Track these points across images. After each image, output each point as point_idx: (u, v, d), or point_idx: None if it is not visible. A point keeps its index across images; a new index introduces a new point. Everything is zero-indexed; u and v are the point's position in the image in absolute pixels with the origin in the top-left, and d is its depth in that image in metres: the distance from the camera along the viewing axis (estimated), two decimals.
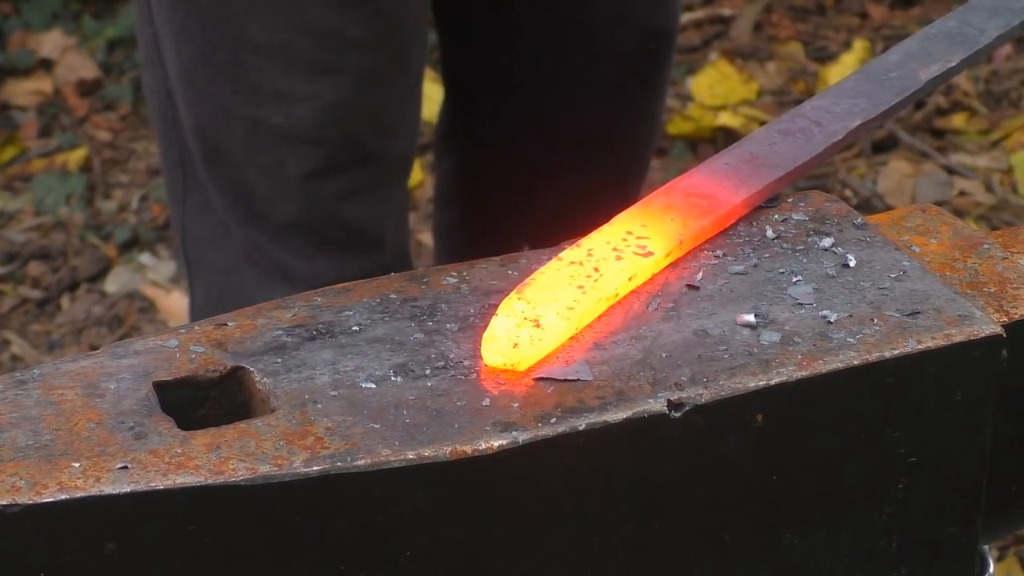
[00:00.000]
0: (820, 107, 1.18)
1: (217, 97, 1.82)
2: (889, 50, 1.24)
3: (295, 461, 0.88)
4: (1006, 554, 2.44)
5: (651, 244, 1.05)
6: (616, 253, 1.04)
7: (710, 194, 1.10)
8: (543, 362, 0.97)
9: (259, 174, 1.86)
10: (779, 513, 0.99)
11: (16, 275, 3.16)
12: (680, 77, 3.66)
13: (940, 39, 1.24)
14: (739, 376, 0.96)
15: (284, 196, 1.86)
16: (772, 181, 1.12)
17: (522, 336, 0.97)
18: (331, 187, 1.86)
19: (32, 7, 3.85)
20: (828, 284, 1.04)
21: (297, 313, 1.01)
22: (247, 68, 1.79)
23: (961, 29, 1.25)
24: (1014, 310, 1.04)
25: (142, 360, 0.97)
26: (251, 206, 1.88)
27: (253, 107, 1.81)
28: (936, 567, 1.05)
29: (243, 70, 1.79)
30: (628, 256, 1.04)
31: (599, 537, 0.96)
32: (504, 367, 0.96)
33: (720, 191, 1.10)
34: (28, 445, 0.89)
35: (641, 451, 0.94)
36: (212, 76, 1.81)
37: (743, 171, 1.12)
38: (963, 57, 1.22)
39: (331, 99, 1.80)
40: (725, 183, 1.11)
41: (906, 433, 1.00)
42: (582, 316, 1.00)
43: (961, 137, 3.47)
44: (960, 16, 1.26)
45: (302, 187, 1.85)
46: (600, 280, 1.01)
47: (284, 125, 1.81)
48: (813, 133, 1.16)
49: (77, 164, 3.42)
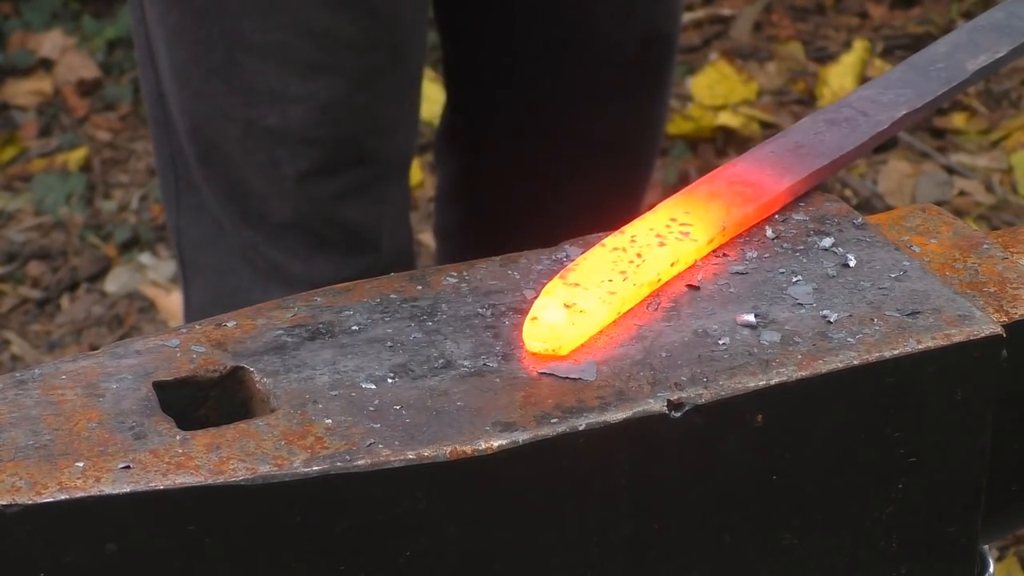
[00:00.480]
0: (866, 97, 1.18)
1: (212, 98, 1.82)
2: (936, 41, 1.25)
3: (295, 461, 0.88)
4: (1006, 554, 2.44)
5: (694, 231, 1.05)
6: (659, 239, 1.04)
7: (754, 182, 1.10)
8: (584, 348, 0.97)
9: (254, 174, 1.85)
10: (779, 513, 0.99)
11: (16, 275, 3.16)
12: (680, 77, 3.66)
13: (988, 30, 1.24)
14: (739, 376, 0.96)
15: (280, 196, 1.86)
16: (816, 169, 1.12)
17: (564, 320, 0.97)
18: (327, 187, 1.85)
19: (32, 7, 3.85)
20: (828, 284, 1.04)
21: (297, 313, 1.01)
22: (242, 68, 1.79)
23: (1009, 20, 1.25)
24: (1014, 310, 1.04)
25: (142, 360, 0.97)
26: (247, 206, 1.88)
27: (248, 107, 1.81)
28: (936, 567, 1.05)
29: (238, 70, 1.79)
30: (671, 242, 1.04)
31: (599, 537, 0.95)
32: (545, 352, 0.97)
33: (764, 179, 1.10)
34: (28, 445, 0.89)
35: (641, 451, 0.94)
36: (206, 77, 1.81)
37: (788, 159, 1.12)
38: (1011, 48, 1.22)
39: (326, 99, 1.80)
40: (769, 171, 1.11)
41: (906, 433, 1.00)
42: (623, 301, 1.00)
43: (961, 137, 3.47)
44: (1008, 8, 1.26)
45: (298, 187, 1.84)
46: (642, 266, 1.02)
47: (279, 125, 1.81)
48: (859, 123, 1.16)
49: (77, 164, 3.42)
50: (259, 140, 1.82)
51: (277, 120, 1.81)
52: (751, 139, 3.50)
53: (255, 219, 1.88)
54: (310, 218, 1.87)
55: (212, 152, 1.86)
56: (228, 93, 1.81)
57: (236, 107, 1.81)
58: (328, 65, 1.79)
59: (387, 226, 1.93)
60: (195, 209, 1.94)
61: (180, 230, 1.97)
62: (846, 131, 1.15)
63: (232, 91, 1.80)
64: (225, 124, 1.83)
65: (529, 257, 1.07)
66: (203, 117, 1.84)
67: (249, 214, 1.88)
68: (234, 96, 1.81)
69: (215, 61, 1.79)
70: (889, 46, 3.77)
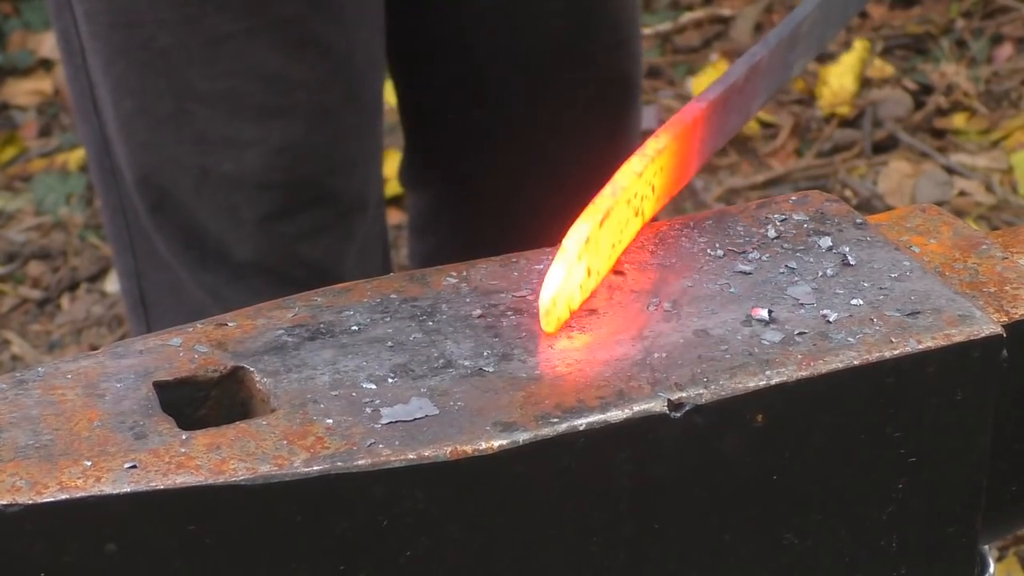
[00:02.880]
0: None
1: (162, 147, 1.78)
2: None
3: (295, 461, 0.88)
4: (1006, 554, 2.44)
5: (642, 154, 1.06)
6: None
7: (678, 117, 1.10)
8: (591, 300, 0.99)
9: (212, 220, 1.81)
10: (779, 513, 0.99)
11: (16, 275, 3.16)
12: (680, 77, 3.67)
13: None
14: (739, 376, 0.96)
15: (240, 239, 1.82)
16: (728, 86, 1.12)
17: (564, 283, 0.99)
18: (288, 228, 1.81)
19: (32, 7, 3.85)
20: (828, 284, 1.04)
21: (297, 313, 1.01)
22: (192, 117, 1.75)
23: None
24: (1014, 310, 1.04)
25: (142, 360, 0.97)
26: (204, 251, 1.83)
27: (201, 156, 1.76)
28: (936, 567, 1.05)
29: (188, 119, 1.75)
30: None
31: (599, 537, 0.96)
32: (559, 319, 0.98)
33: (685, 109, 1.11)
34: (28, 445, 0.89)
35: (641, 451, 0.94)
36: (155, 127, 1.77)
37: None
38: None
39: (280, 142, 1.76)
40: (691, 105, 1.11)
41: (906, 433, 1.00)
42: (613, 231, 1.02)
43: (961, 137, 3.47)
44: None
45: (259, 230, 1.80)
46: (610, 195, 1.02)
47: (234, 172, 1.77)
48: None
49: (77, 164, 3.42)
50: (215, 187, 1.78)
51: (232, 167, 1.76)
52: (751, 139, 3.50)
53: (213, 263, 1.84)
54: (273, 257, 1.83)
55: (164, 201, 1.81)
56: (179, 142, 1.76)
57: (188, 155, 1.77)
58: (281, 107, 1.75)
59: (352, 261, 1.89)
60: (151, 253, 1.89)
61: (140, 274, 1.92)
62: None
63: (183, 140, 1.76)
64: (177, 172, 1.78)
65: (529, 257, 1.07)
66: (153, 167, 1.79)
67: (207, 259, 1.83)
68: (185, 145, 1.77)
69: (164, 112, 1.75)
70: (889, 46, 3.78)
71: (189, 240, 1.83)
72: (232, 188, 1.78)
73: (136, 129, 1.78)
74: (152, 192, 1.81)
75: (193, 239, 1.83)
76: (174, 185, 1.80)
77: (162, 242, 1.85)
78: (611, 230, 1.03)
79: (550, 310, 0.98)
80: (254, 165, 1.77)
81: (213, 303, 1.85)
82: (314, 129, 1.79)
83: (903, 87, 3.62)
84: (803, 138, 3.48)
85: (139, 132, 1.78)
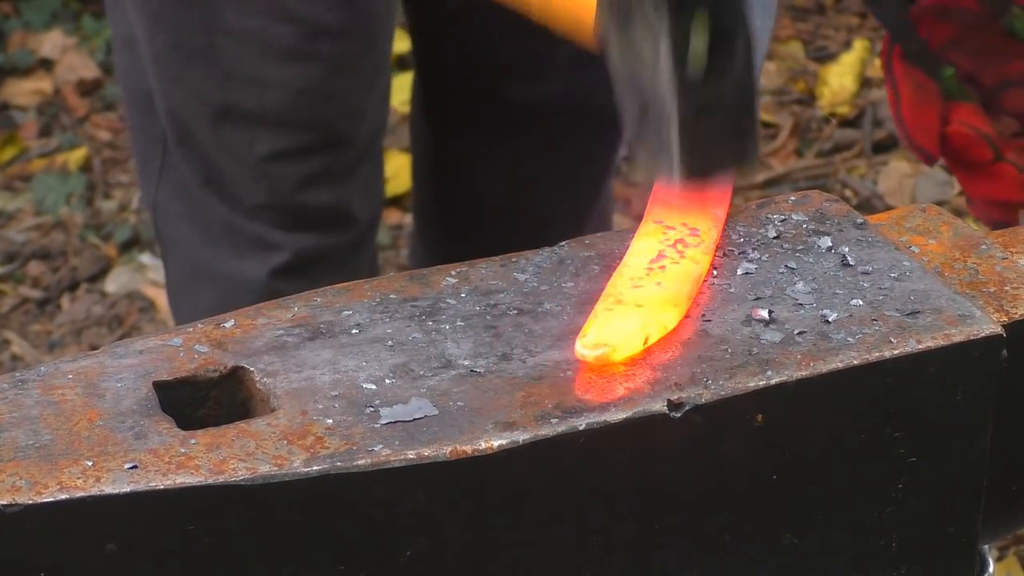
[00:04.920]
0: None
1: (189, 82, 1.86)
2: None
3: (295, 461, 0.88)
4: (1006, 554, 2.44)
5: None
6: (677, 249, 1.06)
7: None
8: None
9: (229, 158, 1.90)
10: (779, 513, 0.99)
11: (16, 275, 3.16)
12: None
13: None
14: (739, 376, 0.96)
15: (253, 178, 1.90)
16: None
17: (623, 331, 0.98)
18: (300, 169, 1.90)
19: (32, 7, 3.85)
20: (828, 284, 1.04)
21: (297, 313, 1.01)
22: (221, 53, 1.82)
23: None
24: (1014, 310, 1.04)
25: (142, 360, 0.97)
26: (221, 187, 1.92)
27: (225, 91, 1.85)
28: (936, 567, 1.05)
29: (217, 55, 1.82)
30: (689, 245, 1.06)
31: (599, 537, 0.95)
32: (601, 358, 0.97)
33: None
34: (28, 445, 0.89)
35: (641, 451, 0.94)
36: (185, 61, 1.84)
37: None
38: None
39: (302, 84, 1.84)
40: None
41: (906, 433, 1.00)
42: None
43: None
44: None
45: (271, 169, 1.89)
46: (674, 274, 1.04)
47: (256, 110, 1.85)
48: None
49: (77, 164, 3.42)
50: (235, 123, 1.86)
51: (254, 104, 1.85)
52: None
53: (230, 200, 1.93)
54: (283, 199, 1.92)
55: (188, 135, 1.90)
56: (206, 77, 1.84)
57: (213, 91, 1.85)
58: (305, 52, 1.83)
59: (360, 202, 1.98)
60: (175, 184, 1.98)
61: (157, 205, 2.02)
62: None
63: (210, 76, 1.84)
64: (201, 108, 1.87)
65: (529, 257, 1.07)
66: (179, 101, 1.88)
67: (224, 195, 1.93)
68: (212, 81, 1.85)
69: (195, 46, 1.83)
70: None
71: (209, 176, 1.92)
72: (251, 125, 1.86)
73: (168, 63, 1.86)
74: (178, 126, 1.90)
75: (212, 175, 1.92)
76: (195, 121, 1.88)
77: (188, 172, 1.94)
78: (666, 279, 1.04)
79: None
80: (275, 105, 1.85)
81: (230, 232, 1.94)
82: (333, 75, 1.86)
83: None
84: (803, 138, 3.48)
85: (170, 67, 1.86)
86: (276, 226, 1.92)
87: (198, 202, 1.96)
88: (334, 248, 1.97)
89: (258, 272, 1.93)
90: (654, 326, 0.99)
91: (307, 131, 1.88)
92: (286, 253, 1.93)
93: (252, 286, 1.93)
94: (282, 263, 1.93)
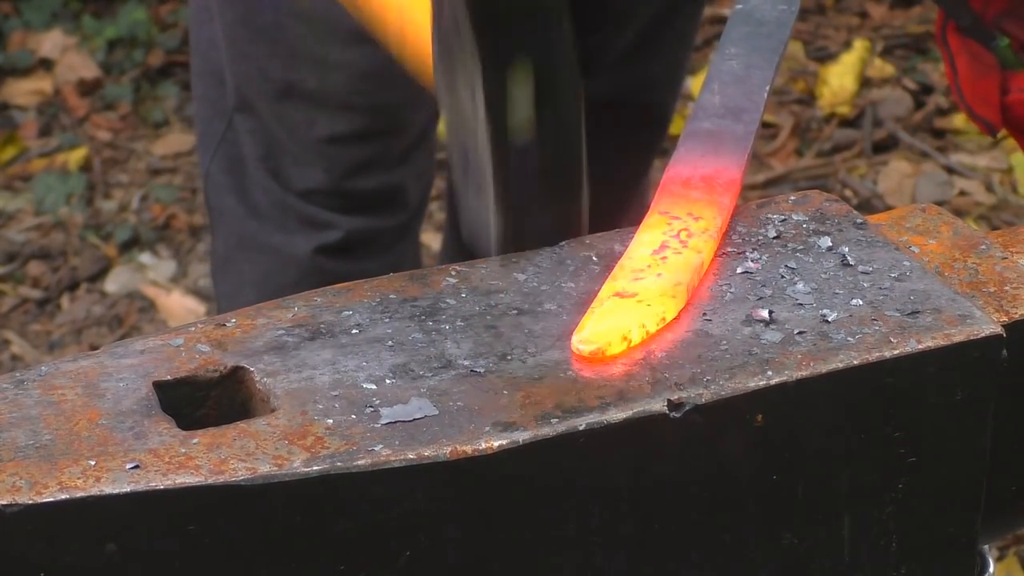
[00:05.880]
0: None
1: (255, 58, 1.89)
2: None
3: (295, 461, 0.88)
4: (1006, 554, 2.44)
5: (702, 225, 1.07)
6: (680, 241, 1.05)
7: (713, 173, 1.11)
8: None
9: (287, 137, 1.92)
10: (779, 513, 0.99)
11: (16, 275, 3.16)
12: None
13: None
14: (739, 376, 0.96)
15: (309, 159, 1.93)
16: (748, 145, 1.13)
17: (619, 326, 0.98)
18: (357, 153, 1.92)
19: (32, 7, 3.85)
20: (828, 284, 1.04)
21: (297, 313, 1.01)
22: (287, 32, 1.85)
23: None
24: (1014, 310, 1.04)
25: (142, 360, 0.97)
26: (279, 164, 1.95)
27: (288, 70, 1.87)
28: (936, 567, 1.05)
29: (282, 33, 1.85)
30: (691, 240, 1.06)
31: (599, 537, 0.95)
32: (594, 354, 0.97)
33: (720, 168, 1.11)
34: (28, 445, 0.89)
35: (641, 451, 0.94)
36: (252, 38, 1.87)
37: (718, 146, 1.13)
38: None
39: (366, 67, 1.85)
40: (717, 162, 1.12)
41: (906, 433, 1.00)
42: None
43: (961, 137, 3.47)
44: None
45: (328, 151, 1.91)
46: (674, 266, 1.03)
47: (317, 90, 1.87)
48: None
49: (77, 164, 3.42)
50: (297, 103, 1.89)
51: (316, 85, 1.87)
52: None
53: (284, 179, 1.95)
54: (337, 181, 1.94)
55: (250, 110, 1.93)
56: (271, 56, 1.87)
57: (277, 69, 1.88)
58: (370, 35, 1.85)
59: (412, 186, 2.00)
60: (229, 159, 2.01)
61: (209, 175, 2.04)
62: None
63: (275, 54, 1.87)
64: (264, 85, 1.90)
65: (529, 257, 1.07)
66: (244, 76, 1.91)
67: (279, 174, 1.95)
68: (276, 59, 1.87)
69: (263, 24, 1.86)
70: (889, 46, 3.77)
71: (267, 153, 1.95)
72: (312, 105, 1.89)
73: (236, 38, 1.89)
74: (241, 100, 1.94)
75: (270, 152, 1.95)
76: (259, 97, 1.92)
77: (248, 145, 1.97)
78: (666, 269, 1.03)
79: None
80: (337, 87, 1.87)
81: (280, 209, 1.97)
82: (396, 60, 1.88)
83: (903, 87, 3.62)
84: (803, 138, 3.48)
85: (238, 42, 1.89)
86: (328, 207, 1.95)
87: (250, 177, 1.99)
88: (382, 231, 1.99)
89: (304, 248, 1.96)
90: (651, 318, 0.99)
91: (366, 115, 1.90)
92: (337, 233, 1.95)
93: (297, 260, 1.95)
94: (330, 242, 1.95)
